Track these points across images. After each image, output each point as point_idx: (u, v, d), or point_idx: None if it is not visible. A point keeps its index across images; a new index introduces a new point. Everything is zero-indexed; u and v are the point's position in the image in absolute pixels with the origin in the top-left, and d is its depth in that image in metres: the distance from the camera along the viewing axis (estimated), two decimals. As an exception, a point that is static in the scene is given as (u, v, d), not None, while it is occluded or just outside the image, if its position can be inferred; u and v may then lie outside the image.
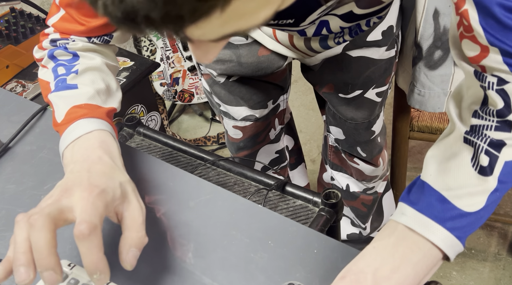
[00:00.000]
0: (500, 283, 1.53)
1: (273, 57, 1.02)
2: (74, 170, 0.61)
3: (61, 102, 0.69)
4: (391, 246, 0.57)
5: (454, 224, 0.56)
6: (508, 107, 0.55)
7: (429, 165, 0.60)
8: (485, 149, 0.56)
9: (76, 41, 0.74)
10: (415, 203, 0.58)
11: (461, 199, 0.56)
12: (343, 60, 1.02)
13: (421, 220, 0.57)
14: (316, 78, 1.10)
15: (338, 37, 0.92)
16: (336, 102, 1.13)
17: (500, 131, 0.56)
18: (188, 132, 2.20)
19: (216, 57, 0.41)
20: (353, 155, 1.25)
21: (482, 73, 0.56)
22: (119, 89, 0.75)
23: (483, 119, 0.58)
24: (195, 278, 0.62)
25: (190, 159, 0.85)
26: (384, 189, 1.40)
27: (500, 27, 0.51)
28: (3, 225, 0.71)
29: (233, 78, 1.08)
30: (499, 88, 0.55)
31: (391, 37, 1.01)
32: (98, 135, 0.65)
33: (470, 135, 0.58)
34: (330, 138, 1.27)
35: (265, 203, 0.76)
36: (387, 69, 1.06)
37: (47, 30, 0.76)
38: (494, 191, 0.57)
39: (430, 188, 0.58)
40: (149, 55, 2.05)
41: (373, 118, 1.15)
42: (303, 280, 0.61)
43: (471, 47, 0.55)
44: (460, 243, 0.57)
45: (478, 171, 0.57)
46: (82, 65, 0.72)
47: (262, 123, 1.19)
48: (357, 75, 1.05)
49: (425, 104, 1.14)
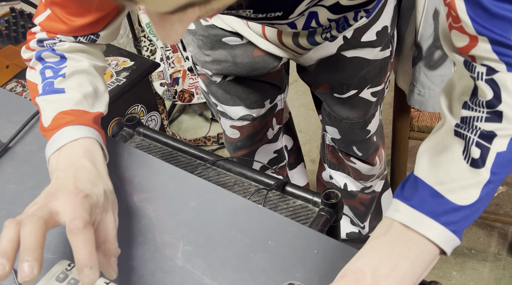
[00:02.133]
0: (500, 283, 1.53)
1: (268, 58, 1.03)
2: (60, 176, 0.62)
3: (48, 106, 0.70)
4: (388, 244, 0.57)
5: (449, 218, 0.56)
6: (498, 97, 0.54)
7: (421, 160, 0.60)
8: (476, 141, 0.56)
9: (63, 41, 0.74)
10: (408, 199, 0.58)
11: (454, 193, 0.56)
12: (338, 61, 1.02)
13: (415, 216, 0.57)
14: (312, 78, 1.11)
15: (326, 32, 0.92)
16: (331, 102, 1.13)
17: (491, 122, 0.55)
18: (188, 132, 2.20)
19: (180, 37, 0.40)
20: (350, 154, 1.25)
21: (472, 63, 0.56)
22: (106, 91, 0.76)
23: (473, 110, 0.57)
24: (195, 278, 0.62)
25: (190, 159, 0.85)
26: (382, 188, 1.40)
27: (487, 15, 0.51)
28: (3, 225, 0.71)
29: (229, 78, 1.08)
30: (488, 78, 0.54)
31: (386, 38, 1.01)
32: (84, 143, 0.66)
33: (460, 128, 0.57)
34: (327, 138, 1.28)
35: (265, 203, 0.76)
36: (382, 69, 1.07)
37: (34, 29, 0.76)
38: (487, 183, 0.56)
39: (422, 183, 0.58)
40: (149, 55, 2.05)
41: (368, 118, 1.15)
42: (303, 280, 0.61)
43: (460, 38, 0.55)
44: (456, 237, 0.56)
45: (470, 163, 0.56)
46: (69, 68, 0.73)
47: (260, 123, 1.19)
48: (352, 75, 1.05)
49: (425, 104, 1.14)
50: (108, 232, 0.60)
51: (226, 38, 1.00)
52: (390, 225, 0.58)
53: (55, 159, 0.66)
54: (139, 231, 0.68)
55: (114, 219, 0.61)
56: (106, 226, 0.60)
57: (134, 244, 0.67)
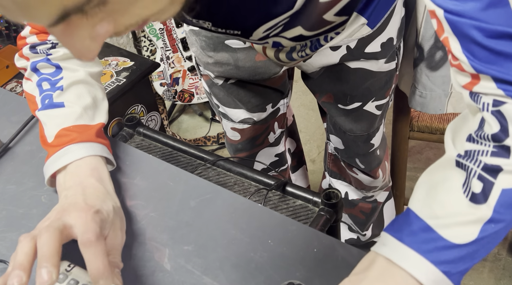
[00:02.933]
0: (500, 283, 1.53)
1: (270, 63, 1.02)
2: (69, 195, 0.63)
3: (50, 122, 0.71)
4: (367, 280, 0.53)
5: (440, 257, 0.50)
6: (505, 131, 0.49)
7: (418, 190, 0.55)
8: (478, 174, 0.50)
9: (55, 44, 0.75)
10: (397, 232, 0.53)
11: (449, 229, 0.51)
12: (341, 71, 1.00)
13: (401, 250, 0.52)
14: (316, 86, 1.09)
15: (301, 51, 0.91)
16: (335, 113, 1.11)
17: (497, 157, 0.50)
18: (188, 132, 2.20)
19: (95, 55, 0.39)
20: (352, 165, 1.24)
21: (478, 94, 0.51)
22: (105, 98, 0.77)
23: (478, 143, 0.52)
24: (195, 278, 0.62)
25: (190, 159, 0.85)
26: (385, 199, 1.37)
27: (484, 53, 0.48)
28: (3, 225, 0.71)
29: (231, 81, 1.08)
30: (495, 109, 0.50)
31: (391, 50, 0.98)
32: (89, 162, 0.68)
33: (462, 159, 0.52)
34: (330, 147, 1.26)
35: (265, 203, 0.76)
36: (388, 82, 1.04)
37: (23, 33, 0.76)
38: (488, 222, 0.50)
39: (415, 215, 0.53)
40: (149, 55, 2.05)
41: (372, 131, 1.13)
42: (303, 279, 0.61)
43: (461, 75, 0.51)
44: (449, 280, 0.50)
45: (470, 198, 0.50)
46: (66, 80, 0.73)
47: (261, 127, 1.19)
48: (355, 87, 1.03)
49: (427, 106, 1.13)
50: (114, 246, 0.61)
51: (229, 40, 0.99)
52: (373, 259, 0.54)
53: (62, 178, 0.67)
54: (139, 231, 0.68)
55: (122, 235, 0.63)
56: (113, 241, 0.61)
57: (134, 244, 0.67)
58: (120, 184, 0.74)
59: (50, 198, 0.73)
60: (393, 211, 1.43)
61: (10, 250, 0.67)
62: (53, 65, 0.75)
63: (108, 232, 0.61)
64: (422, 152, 1.96)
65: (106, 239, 0.60)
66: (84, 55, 0.39)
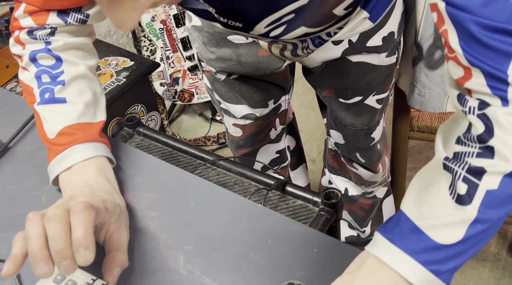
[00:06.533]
0: (500, 283, 1.53)
1: (272, 58, 1.02)
2: (76, 188, 0.64)
3: (51, 117, 0.71)
4: (358, 280, 0.54)
5: (428, 257, 0.52)
6: (489, 132, 0.51)
7: (409, 193, 0.57)
8: (463, 176, 0.52)
9: (56, 34, 0.73)
10: (388, 232, 0.55)
11: (436, 230, 0.52)
12: (343, 65, 1.01)
13: (391, 250, 0.53)
14: (317, 81, 1.10)
15: (304, 48, 0.92)
16: (336, 107, 1.12)
17: (482, 158, 0.51)
18: (188, 132, 2.20)
19: (135, 24, 0.40)
20: (352, 160, 1.24)
21: (465, 97, 0.53)
22: (103, 94, 0.78)
23: (465, 145, 0.54)
24: (195, 278, 0.63)
25: (190, 159, 0.85)
26: (384, 195, 1.38)
27: (479, 47, 0.49)
28: (3, 225, 0.71)
29: (234, 76, 1.08)
30: (480, 112, 0.51)
31: (392, 43, 0.99)
32: (96, 162, 0.69)
33: (449, 162, 0.54)
34: (330, 142, 1.27)
35: (265, 203, 0.76)
36: (388, 76, 1.05)
37: (17, 14, 0.74)
38: (473, 222, 0.51)
39: (405, 216, 0.55)
40: (149, 55, 2.05)
41: (373, 125, 1.14)
42: (303, 279, 0.61)
43: (456, 69, 0.53)
44: (438, 279, 0.52)
45: (456, 199, 0.52)
46: (67, 74, 0.73)
47: (263, 123, 1.19)
48: (357, 81, 1.04)
49: (426, 104, 1.13)
50: (121, 243, 0.62)
51: (231, 36, 1.00)
52: (365, 259, 0.56)
53: (66, 176, 0.68)
54: (139, 231, 0.68)
55: (127, 232, 0.64)
56: (120, 237, 0.62)
57: (134, 244, 0.67)
58: (120, 184, 0.74)
59: (50, 198, 0.73)
60: (392, 208, 1.44)
61: (10, 250, 0.67)
62: (54, 56, 0.73)
63: (114, 227, 0.62)
64: (422, 152, 1.96)
65: (113, 233, 0.61)
66: (124, 25, 0.41)
